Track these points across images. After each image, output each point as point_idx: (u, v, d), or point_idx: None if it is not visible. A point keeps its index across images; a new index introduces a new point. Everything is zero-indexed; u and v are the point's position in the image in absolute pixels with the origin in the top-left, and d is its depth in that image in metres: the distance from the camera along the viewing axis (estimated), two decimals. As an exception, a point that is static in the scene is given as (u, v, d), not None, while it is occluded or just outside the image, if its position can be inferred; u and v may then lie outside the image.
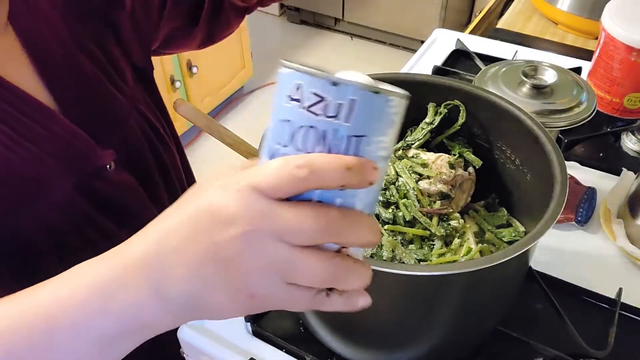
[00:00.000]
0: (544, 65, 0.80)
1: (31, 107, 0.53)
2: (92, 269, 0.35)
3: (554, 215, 0.48)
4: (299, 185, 0.31)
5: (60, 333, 0.35)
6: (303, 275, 0.32)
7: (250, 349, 0.64)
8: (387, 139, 0.34)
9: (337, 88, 0.32)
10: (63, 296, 0.35)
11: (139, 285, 0.33)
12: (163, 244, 0.33)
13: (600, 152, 0.92)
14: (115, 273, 0.34)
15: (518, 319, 0.66)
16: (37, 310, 0.35)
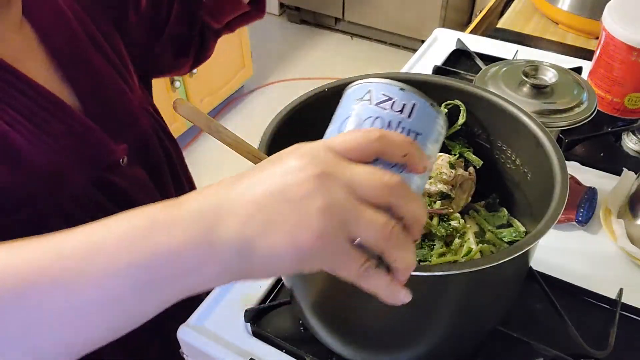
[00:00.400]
0: (544, 65, 0.80)
1: (49, 102, 0.55)
2: (139, 211, 0.33)
3: (555, 215, 0.48)
4: (370, 146, 0.34)
5: (95, 266, 0.32)
6: (365, 226, 0.32)
7: (250, 349, 0.64)
8: (434, 150, 0.40)
9: (404, 92, 0.38)
10: (111, 227, 0.33)
11: (190, 226, 0.32)
12: (226, 191, 0.33)
13: (601, 152, 0.92)
14: (166, 214, 0.32)
15: (518, 319, 0.66)
16: (66, 247, 0.33)
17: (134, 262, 0.32)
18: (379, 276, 0.35)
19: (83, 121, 0.58)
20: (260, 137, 0.56)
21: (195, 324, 0.67)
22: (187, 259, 0.32)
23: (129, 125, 0.66)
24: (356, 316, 0.55)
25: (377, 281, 0.35)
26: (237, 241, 0.32)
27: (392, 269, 0.36)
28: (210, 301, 0.69)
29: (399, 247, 0.34)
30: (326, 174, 0.32)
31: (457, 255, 0.56)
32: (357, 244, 0.34)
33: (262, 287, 0.71)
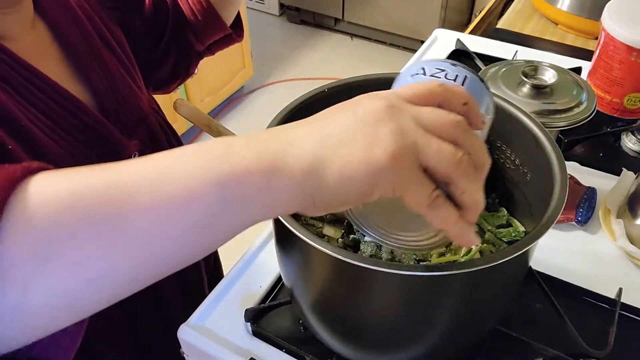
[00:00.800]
0: (544, 65, 0.80)
1: (64, 99, 0.56)
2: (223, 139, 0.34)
3: (554, 215, 0.48)
4: (434, 92, 0.36)
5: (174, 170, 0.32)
6: (436, 151, 0.33)
7: (250, 349, 0.64)
8: (486, 123, 0.41)
9: (456, 67, 0.42)
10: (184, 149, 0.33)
11: (264, 140, 0.33)
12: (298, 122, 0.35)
13: (600, 152, 0.92)
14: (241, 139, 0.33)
15: (518, 319, 0.66)
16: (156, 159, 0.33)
17: (208, 181, 0.32)
18: (449, 209, 0.35)
19: (96, 117, 0.59)
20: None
21: (196, 324, 0.67)
22: (265, 173, 0.32)
23: (140, 122, 0.67)
24: (356, 316, 0.55)
25: (447, 214, 0.35)
26: (311, 157, 0.32)
27: (460, 203, 0.35)
28: (210, 301, 0.69)
29: (469, 177, 0.34)
30: (397, 107, 0.34)
31: (457, 255, 0.57)
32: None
33: (262, 287, 0.71)
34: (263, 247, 0.77)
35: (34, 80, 0.53)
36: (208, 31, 0.78)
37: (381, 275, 0.46)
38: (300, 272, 0.56)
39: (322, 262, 0.51)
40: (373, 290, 0.50)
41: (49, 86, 0.55)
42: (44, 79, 0.54)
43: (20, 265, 0.29)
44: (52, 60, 0.59)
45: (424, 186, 0.34)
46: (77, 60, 0.60)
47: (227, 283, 0.71)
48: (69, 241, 0.30)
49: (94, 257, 0.31)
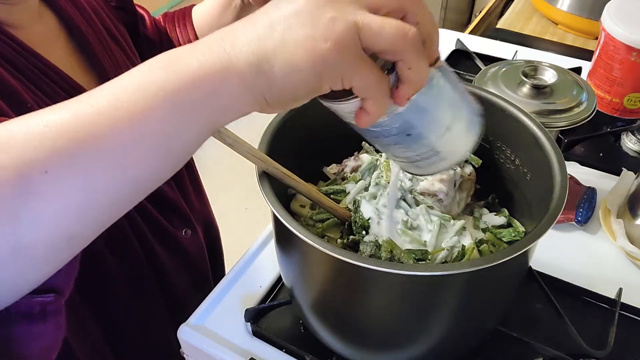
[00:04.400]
0: (544, 65, 0.80)
1: (71, 87, 0.57)
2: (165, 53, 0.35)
3: (554, 215, 0.48)
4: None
5: (127, 91, 0.33)
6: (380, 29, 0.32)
7: (250, 349, 0.64)
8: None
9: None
10: (133, 70, 0.34)
11: (206, 47, 0.33)
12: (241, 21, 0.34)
13: (600, 152, 0.92)
14: (186, 47, 0.34)
15: (518, 319, 0.66)
16: (107, 84, 0.34)
17: (158, 96, 0.32)
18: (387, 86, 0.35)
19: None
20: (260, 137, 0.56)
21: (196, 324, 0.67)
22: (212, 76, 0.32)
23: None
24: (356, 316, 0.55)
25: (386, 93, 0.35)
26: (255, 56, 0.32)
27: (402, 78, 0.35)
28: (210, 301, 0.69)
29: (416, 51, 0.33)
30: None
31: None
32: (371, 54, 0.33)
33: (262, 287, 0.71)
34: (263, 247, 0.77)
35: (40, 66, 0.55)
36: None
37: (381, 275, 0.46)
38: (300, 272, 0.56)
39: (322, 262, 0.51)
40: (373, 290, 0.50)
41: (56, 73, 0.56)
42: (52, 67, 0.56)
43: (1, 207, 0.30)
44: (61, 49, 0.61)
45: (370, 68, 0.33)
46: (88, 51, 0.62)
47: (227, 283, 0.71)
48: (42, 176, 0.31)
49: (68, 186, 0.32)
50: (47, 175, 0.31)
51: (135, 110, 0.32)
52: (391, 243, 0.54)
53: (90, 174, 0.32)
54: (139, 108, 0.32)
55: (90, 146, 0.32)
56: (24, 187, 0.31)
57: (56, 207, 0.32)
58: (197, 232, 0.78)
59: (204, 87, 0.33)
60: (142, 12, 0.79)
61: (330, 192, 0.62)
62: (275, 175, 0.53)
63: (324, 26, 0.32)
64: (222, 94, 0.33)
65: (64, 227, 0.33)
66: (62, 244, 0.33)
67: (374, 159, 0.65)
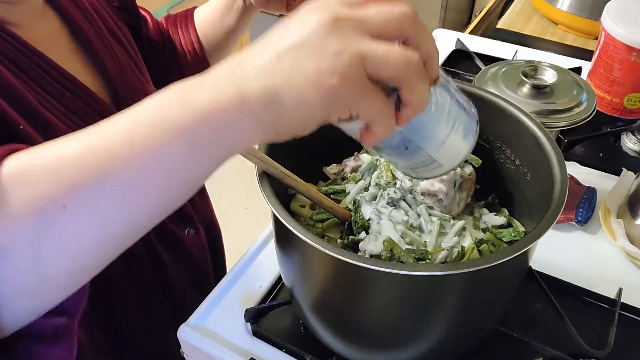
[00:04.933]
0: (544, 65, 0.80)
1: (73, 85, 0.58)
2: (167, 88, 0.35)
3: (554, 215, 0.48)
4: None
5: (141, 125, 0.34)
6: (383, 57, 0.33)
7: (250, 349, 0.64)
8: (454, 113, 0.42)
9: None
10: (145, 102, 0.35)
11: (218, 80, 0.34)
12: (247, 51, 0.34)
13: (600, 152, 0.92)
14: (195, 80, 0.34)
15: (518, 319, 0.66)
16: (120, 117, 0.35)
17: (171, 131, 0.33)
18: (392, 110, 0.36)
19: (104, 104, 0.61)
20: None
21: (196, 324, 0.67)
22: (224, 112, 0.33)
23: None
24: (356, 316, 0.55)
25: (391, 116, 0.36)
26: (265, 90, 0.33)
27: (405, 102, 0.36)
28: (210, 301, 0.69)
29: (419, 77, 0.34)
30: (340, 18, 0.33)
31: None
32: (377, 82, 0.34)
33: (262, 287, 0.71)
34: (263, 247, 0.77)
35: (43, 65, 0.55)
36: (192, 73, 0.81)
37: (381, 275, 0.46)
38: (300, 272, 0.56)
39: (322, 262, 0.51)
40: (373, 290, 0.50)
41: (58, 72, 0.56)
42: (55, 66, 0.56)
43: (23, 241, 0.32)
44: (63, 48, 0.61)
45: (375, 94, 0.34)
46: (90, 50, 0.62)
47: (227, 283, 0.71)
48: (61, 211, 0.32)
49: (86, 220, 0.33)
50: (66, 210, 0.32)
51: (150, 146, 0.33)
52: (391, 242, 0.54)
53: (106, 208, 0.33)
54: (154, 144, 0.33)
55: (105, 181, 0.33)
56: (44, 221, 0.32)
57: (75, 240, 0.33)
58: (200, 232, 0.78)
59: (217, 123, 0.33)
60: (145, 14, 0.79)
61: (330, 192, 0.62)
62: (275, 175, 0.53)
63: (331, 59, 0.32)
64: (235, 128, 0.34)
65: (83, 258, 0.34)
66: (81, 272, 0.35)
67: (374, 159, 0.65)
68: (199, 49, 0.81)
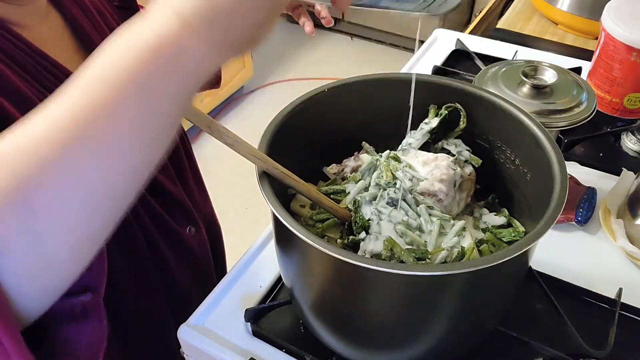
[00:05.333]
0: (544, 65, 0.80)
1: None
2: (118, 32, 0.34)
3: (554, 215, 0.48)
4: None
5: (95, 87, 0.33)
6: None
7: (250, 349, 0.64)
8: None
9: None
10: (93, 58, 0.34)
11: (158, 14, 0.33)
12: None
13: (600, 152, 0.92)
14: (138, 18, 0.34)
15: (518, 319, 0.66)
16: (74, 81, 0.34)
17: (127, 72, 0.32)
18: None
19: None
20: (260, 137, 0.56)
21: (196, 324, 0.67)
22: (171, 43, 0.32)
23: None
24: (356, 316, 0.55)
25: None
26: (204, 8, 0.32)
27: None
28: (210, 301, 0.69)
29: None
30: None
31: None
32: None
33: (262, 287, 0.71)
34: (263, 247, 0.77)
35: (47, 66, 0.55)
36: None
37: (381, 275, 0.46)
38: (300, 272, 0.56)
39: (322, 262, 0.51)
40: (373, 290, 0.50)
41: (62, 73, 0.57)
42: (58, 65, 0.56)
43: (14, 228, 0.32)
44: (67, 49, 0.61)
45: None
46: (92, 50, 0.62)
47: (227, 283, 0.71)
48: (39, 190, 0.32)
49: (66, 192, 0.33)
50: (44, 187, 0.32)
51: (109, 102, 0.32)
52: (391, 241, 0.54)
53: (82, 175, 0.33)
54: (112, 99, 0.32)
55: (76, 150, 0.32)
56: (28, 203, 0.32)
57: (62, 214, 0.33)
58: (201, 230, 0.78)
59: (167, 56, 0.32)
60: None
61: (330, 192, 0.62)
62: (275, 175, 0.53)
63: None
64: (186, 57, 0.33)
65: (77, 229, 0.34)
66: (80, 243, 0.34)
67: (374, 159, 0.65)
68: None
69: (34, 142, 0.32)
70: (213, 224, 0.87)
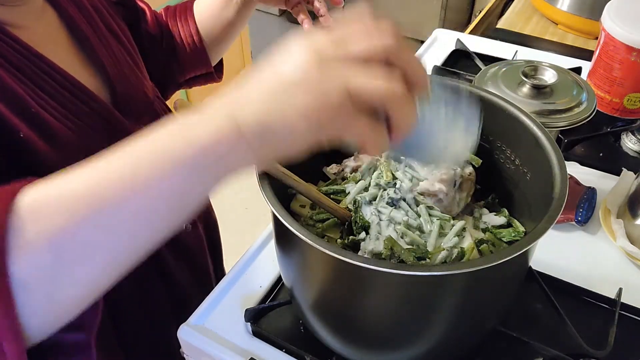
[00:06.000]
0: (544, 65, 0.80)
1: (72, 86, 0.58)
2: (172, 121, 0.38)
3: (554, 215, 0.48)
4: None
5: (144, 159, 0.36)
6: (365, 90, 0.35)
7: (250, 349, 0.64)
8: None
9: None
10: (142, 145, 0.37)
11: (216, 115, 0.36)
12: (239, 87, 0.37)
13: (600, 152, 0.92)
14: (196, 116, 0.37)
15: (518, 319, 0.66)
16: (124, 150, 0.37)
17: (177, 159, 0.36)
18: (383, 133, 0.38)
19: (103, 104, 0.61)
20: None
21: (196, 324, 0.67)
22: (222, 144, 0.36)
23: (146, 108, 0.70)
24: (356, 316, 0.55)
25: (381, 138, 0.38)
26: (260, 125, 0.36)
27: (394, 126, 0.38)
28: (210, 301, 0.69)
29: (403, 104, 0.36)
30: (325, 57, 0.35)
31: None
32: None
33: (262, 287, 0.71)
34: (263, 247, 0.77)
35: (44, 68, 0.55)
36: (192, 65, 0.83)
37: (381, 275, 0.46)
38: (300, 272, 0.56)
39: (322, 262, 0.51)
40: (373, 290, 0.50)
41: (59, 74, 0.57)
42: (54, 67, 0.56)
43: (40, 273, 0.35)
44: (62, 48, 0.61)
45: (363, 127, 0.36)
46: (89, 48, 0.63)
47: (227, 283, 0.71)
48: (72, 243, 0.35)
49: (96, 249, 0.36)
50: (77, 242, 0.35)
51: (153, 177, 0.36)
52: (391, 240, 0.54)
53: (114, 237, 0.36)
54: (156, 176, 0.36)
55: (113, 212, 0.35)
56: (58, 254, 0.35)
57: (87, 268, 0.36)
58: (197, 227, 0.78)
59: (215, 155, 0.36)
60: (143, 6, 0.79)
61: (330, 192, 0.62)
62: (275, 175, 0.53)
63: (319, 96, 0.35)
64: (231, 159, 0.37)
65: (94, 283, 0.37)
66: (92, 293, 0.38)
67: (374, 159, 0.65)
68: (198, 42, 0.81)
69: (77, 198, 0.35)
70: (210, 219, 0.87)
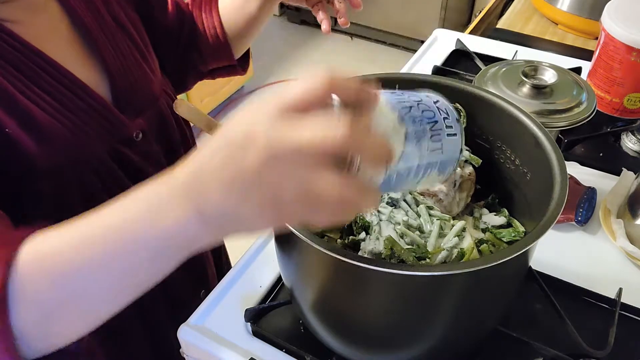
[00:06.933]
0: (544, 65, 0.80)
1: (69, 81, 0.58)
2: (143, 195, 0.40)
3: (554, 215, 0.48)
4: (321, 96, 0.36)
5: (116, 248, 0.40)
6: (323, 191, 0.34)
7: (250, 349, 0.64)
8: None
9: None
10: (117, 219, 0.40)
11: (184, 207, 0.38)
12: (200, 171, 0.37)
13: (600, 152, 0.92)
14: (163, 197, 0.39)
15: (518, 319, 0.66)
16: (95, 231, 0.40)
17: (143, 242, 0.39)
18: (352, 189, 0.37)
19: (99, 99, 0.61)
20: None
21: (195, 324, 0.67)
22: (187, 232, 0.38)
23: (150, 104, 0.69)
24: (356, 316, 0.55)
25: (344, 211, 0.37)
26: (221, 215, 0.37)
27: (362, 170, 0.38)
28: (210, 301, 0.69)
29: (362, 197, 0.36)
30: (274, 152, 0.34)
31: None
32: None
33: (262, 287, 0.71)
34: (263, 247, 0.77)
35: (40, 63, 0.55)
36: (214, 56, 0.82)
37: (381, 275, 0.46)
38: (300, 272, 0.56)
39: (322, 262, 0.51)
40: (373, 290, 0.50)
41: (56, 69, 0.57)
42: (51, 62, 0.56)
43: (35, 326, 0.41)
44: (64, 42, 0.61)
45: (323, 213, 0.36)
46: (91, 42, 0.62)
47: (227, 283, 0.71)
48: (59, 311, 0.41)
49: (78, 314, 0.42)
50: (64, 305, 0.41)
51: (119, 253, 0.40)
52: (392, 240, 0.54)
53: (91, 299, 0.42)
54: (123, 253, 0.40)
55: (89, 278, 0.40)
56: (49, 313, 0.41)
57: (73, 326, 0.43)
58: None
59: (181, 241, 0.39)
60: None
61: (330, 192, 0.62)
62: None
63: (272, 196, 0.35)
64: (195, 243, 0.40)
65: (82, 331, 0.43)
66: (81, 333, 0.44)
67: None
68: (221, 34, 0.80)
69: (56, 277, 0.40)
70: None
